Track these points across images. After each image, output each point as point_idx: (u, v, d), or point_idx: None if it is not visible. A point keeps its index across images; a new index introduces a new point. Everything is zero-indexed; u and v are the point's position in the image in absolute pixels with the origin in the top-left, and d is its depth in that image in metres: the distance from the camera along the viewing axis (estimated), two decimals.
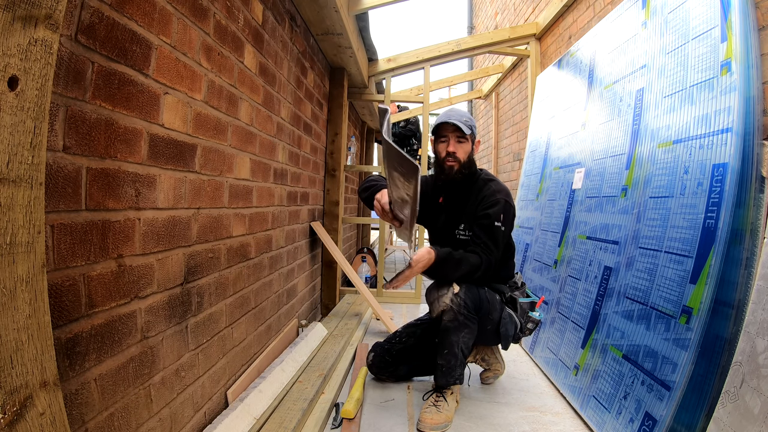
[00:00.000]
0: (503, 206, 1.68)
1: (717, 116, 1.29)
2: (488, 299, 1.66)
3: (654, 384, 1.28)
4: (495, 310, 1.68)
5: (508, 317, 1.73)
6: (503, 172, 4.66)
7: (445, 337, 1.60)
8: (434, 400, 1.59)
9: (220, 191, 1.38)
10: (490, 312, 1.66)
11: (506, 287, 1.80)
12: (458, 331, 1.59)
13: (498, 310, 1.69)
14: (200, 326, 1.27)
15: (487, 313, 1.65)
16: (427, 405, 1.58)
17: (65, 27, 0.73)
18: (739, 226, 1.19)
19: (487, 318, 1.66)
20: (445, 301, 1.59)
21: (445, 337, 1.60)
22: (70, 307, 0.77)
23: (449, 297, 1.59)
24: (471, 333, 1.62)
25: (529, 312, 1.80)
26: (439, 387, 1.63)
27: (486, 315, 1.65)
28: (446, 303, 1.58)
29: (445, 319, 1.59)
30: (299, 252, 2.40)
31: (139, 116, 0.95)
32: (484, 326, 1.67)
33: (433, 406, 1.57)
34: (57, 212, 0.74)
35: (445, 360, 1.61)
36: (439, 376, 1.62)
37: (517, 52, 3.57)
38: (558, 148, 2.55)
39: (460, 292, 1.59)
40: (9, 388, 0.49)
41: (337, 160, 3.03)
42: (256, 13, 1.63)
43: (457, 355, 1.60)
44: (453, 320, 1.58)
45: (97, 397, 0.84)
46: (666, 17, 1.64)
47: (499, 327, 1.69)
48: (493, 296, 1.70)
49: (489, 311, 1.66)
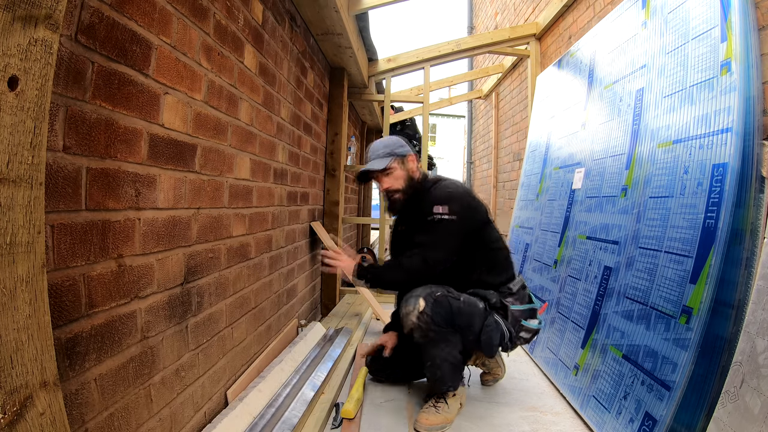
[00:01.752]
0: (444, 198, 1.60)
1: (717, 116, 1.29)
2: (462, 311, 1.54)
3: (654, 384, 1.28)
4: (474, 321, 1.55)
5: (493, 324, 1.57)
6: (503, 171, 4.67)
7: (424, 351, 1.57)
8: (434, 402, 1.57)
9: (220, 191, 1.38)
10: (469, 324, 1.54)
11: (493, 293, 1.64)
12: (435, 345, 1.54)
13: (478, 322, 1.56)
14: (200, 326, 1.27)
15: (466, 325, 1.54)
16: (426, 406, 1.57)
17: (65, 27, 0.73)
18: (739, 226, 1.19)
19: (467, 329, 1.55)
20: (411, 319, 1.51)
21: (424, 352, 1.57)
22: (70, 307, 0.77)
23: (415, 315, 1.51)
24: (451, 344, 1.55)
25: (522, 321, 1.65)
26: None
27: (465, 327, 1.54)
28: (413, 321, 1.51)
29: (416, 337, 1.54)
30: (299, 252, 2.40)
31: (139, 116, 0.95)
32: (465, 337, 1.57)
33: (432, 408, 1.55)
34: (57, 212, 0.74)
35: (430, 373, 1.59)
36: (431, 386, 1.61)
37: (517, 52, 3.57)
38: (558, 148, 2.55)
39: (426, 309, 1.50)
40: (9, 388, 0.49)
41: (337, 160, 3.03)
42: (256, 13, 1.63)
43: (441, 366, 1.54)
44: (424, 337, 1.53)
45: (97, 397, 0.84)
46: (666, 17, 1.64)
47: (480, 337, 1.55)
48: (472, 306, 1.57)
49: (468, 323, 1.54)
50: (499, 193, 4.85)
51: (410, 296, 1.56)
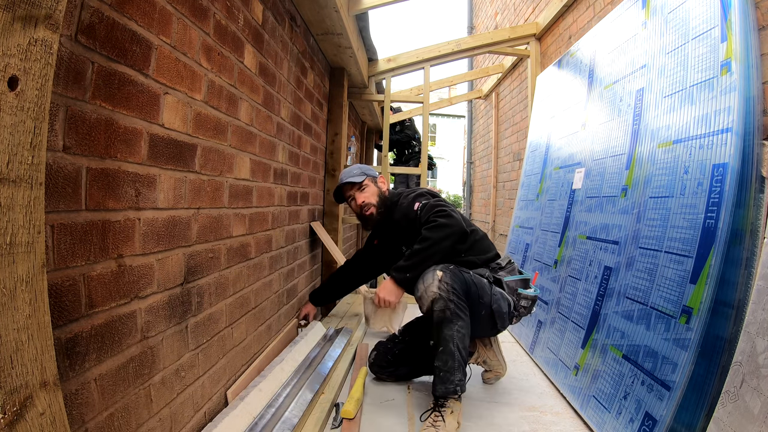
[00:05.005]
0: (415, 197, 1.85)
1: (717, 116, 1.29)
2: (474, 282, 1.61)
3: (654, 384, 1.28)
4: (485, 292, 1.63)
5: (499, 295, 1.66)
6: (503, 171, 4.67)
7: (439, 332, 1.52)
8: (432, 421, 1.46)
9: (220, 191, 1.38)
10: (480, 296, 1.61)
11: (487, 270, 1.74)
12: (452, 322, 1.51)
13: (488, 292, 1.64)
14: (200, 326, 1.27)
15: (477, 297, 1.60)
16: (424, 427, 1.46)
17: (65, 27, 0.73)
18: (739, 226, 1.19)
19: (478, 302, 1.60)
20: (433, 289, 1.53)
21: (438, 333, 1.52)
22: (70, 307, 0.77)
23: (436, 285, 1.53)
24: (465, 325, 1.54)
25: (519, 290, 1.74)
26: (437, 399, 1.51)
27: (477, 299, 1.60)
28: (434, 291, 1.52)
29: (437, 309, 1.51)
30: (299, 252, 2.40)
31: (139, 116, 0.95)
32: (477, 312, 1.60)
33: (431, 428, 1.45)
34: (57, 212, 0.74)
35: (441, 361, 1.50)
36: (437, 383, 1.51)
37: (517, 52, 3.57)
38: (558, 148, 2.55)
39: (445, 278, 1.54)
40: (9, 388, 0.49)
41: (337, 160, 3.03)
42: (256, 13, 1.63)
43: (454, 353, 1.49)
44: (444, 309, 1.51)
45: (97, 397, 0.84)
46: (666, 17, 1.64)
47: (492, 306, 1.64)
48: (479, 279, 1.65)
49: (479, 295, 1.60)
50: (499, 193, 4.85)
51: (425, 273, 1.61)
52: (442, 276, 1.55)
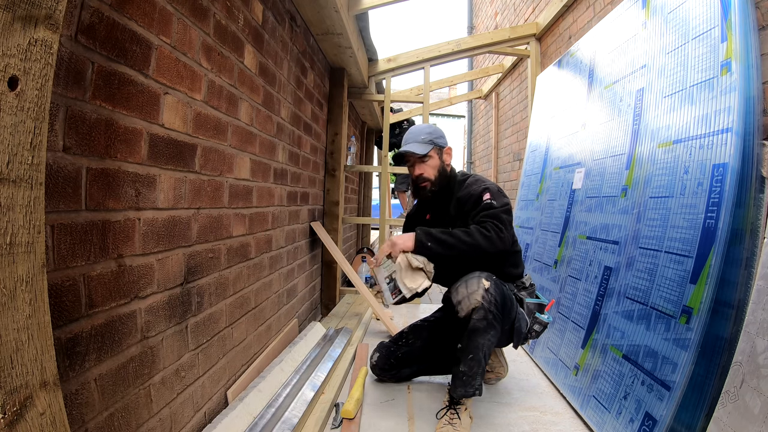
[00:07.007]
0: (487, 189, 1.67)
1: (717, 116, 1.29)
2: (508, 296, 1.58)
3: (654, 384, 1.28)
4: (514, 309, 1.61)
5: (522, 314, 1.65)
6: (503, 171, 4.67)
7: (471, 339, 1.48)
8: (449, 419, 1.48)
9: (220, 191, 1.38)
10: (510, 311, 1.58)
11: (513, 286, 1.72)
12: (486, 332, 1.47)
13: (515, 310, 1.62)
14: (200, 326, 1.27)
15: (508, 312, 1.57)
16: (441, 425, 1.47)
17: (65, 27, 0.73)
18: (739, 226, 1.19)
19: (507, 317, 1.57)
20: (476, 298, 1.47)
21: (471, 340, 1.48)
22: (70, 307, 0.77)
23: (480, 294, 1.47)
24: (496, 336, 1.52)
25: (536, 313, 1.71)
26: (454, 400, 1.52)
27: (507, 314, 1.57)
28: (478, 300, 1.46)
29: (475, 318, 1.47)
30: (299, 252, 2.40)
31: (139, 116, 0.95)
32: (502, 326, 1.57)
33: (449, 425, 1.46)
34: (57, 212, 0.74)
35: (467, 367, 1.49)
36: (458, 385, 1.50)
37: (517, 52, 3.57)
38: (558, 148, 2.55)
39: (490, 288, 1.49)
40: (9, 388, 0.49)
41: (337, 160, 3.03)
42: (256, 13, 1.63)
43: (481, 361, 1.49)
44: (483, 319, 1.46)
45: (97, 397, 0.84)
46: (666, 17, 1.64)
47: (514, 324, 1.61)
48: (512, 295, 1.63)
49: (510, 310, 1.58)
50: None
51: (470, 278, 1.54)
52: (489, 286, 1.50)
